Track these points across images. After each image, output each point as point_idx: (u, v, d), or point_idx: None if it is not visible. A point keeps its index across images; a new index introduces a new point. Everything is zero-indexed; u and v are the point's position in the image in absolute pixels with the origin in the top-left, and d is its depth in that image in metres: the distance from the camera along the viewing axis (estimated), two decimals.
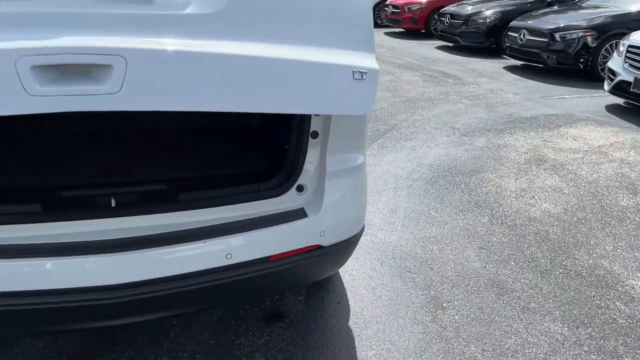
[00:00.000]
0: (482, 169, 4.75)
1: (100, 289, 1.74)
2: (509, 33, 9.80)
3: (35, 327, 1.91)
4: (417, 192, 4.24)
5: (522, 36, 9.26)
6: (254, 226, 1.98)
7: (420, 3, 14.00)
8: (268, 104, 1.55)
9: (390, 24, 14.97)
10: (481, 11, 11.40)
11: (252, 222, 2.00)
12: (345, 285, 2.97)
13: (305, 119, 2.07)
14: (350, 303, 2.83)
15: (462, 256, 3.28)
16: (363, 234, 2.41)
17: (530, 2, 11.27)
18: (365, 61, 1.62)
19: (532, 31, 9.06)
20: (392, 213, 3.86)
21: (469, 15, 11.44)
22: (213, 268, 1.89)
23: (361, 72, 1.57)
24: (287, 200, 2.11)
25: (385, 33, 14.91)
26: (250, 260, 1.95)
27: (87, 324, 1.92)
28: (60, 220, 1.83)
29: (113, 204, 1.92)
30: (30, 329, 1.96)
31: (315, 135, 2.11)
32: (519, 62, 9.86)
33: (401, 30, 15.00)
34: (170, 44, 1.36)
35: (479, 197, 4.15)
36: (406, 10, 14.05)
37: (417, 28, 14.15)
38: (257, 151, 2.58)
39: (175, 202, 1.98)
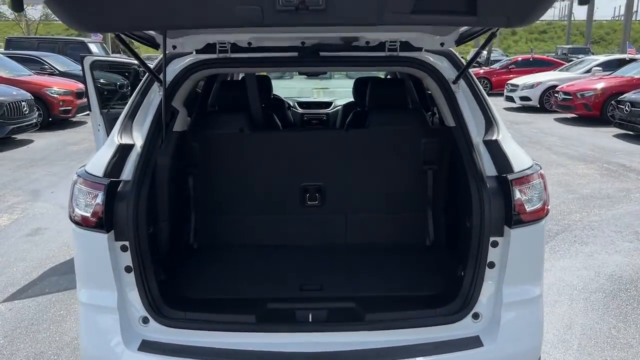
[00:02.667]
0: None
1: None
2: None
3: None
4: (595, 306, 3.99)
5: None
6: (431, 351, 2.12)
7: (595, 89, 13.38)
8: None
9: (561, 110, 14.44)
10: None
11: (429, 347, 2.14)
12: None
13: (482, 250, 2.20)
14: None
15: None
16: None
17: None
18: None
19: None
20: (567, 329, 3.68)
21: None
22: None
23: None
24: (463, 327, 2.22)
25: (556, 119, 14.39)
26: None
27: None
28: (266, 332, 2.17)
29: (310, 319, 2.22)
30: None
31: (492, 265, 2.22)
32: None
33: (573, 116, 14.36)
34: None
35: None
36: (579, 96, 13.50)
37: (590, 115, 13.45)
38: (435, 277, 2.75)
39: (361, 322, 2.21)
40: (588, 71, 16.32)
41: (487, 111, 2.54)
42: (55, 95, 12.61)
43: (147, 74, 2.62)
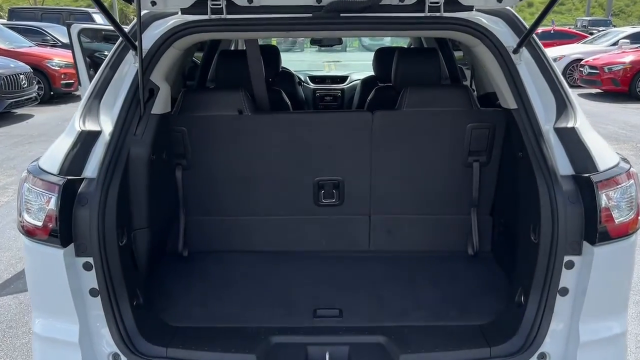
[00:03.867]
0: None
1: None
2: None
3: None
4: None
5: None
6: None
7: (624, 63, 12.64)
8: None
9: (586, 85, 13.72)
10: None
11: None
12: None
13: (553, 273, 1.69)
14: None
15: None
16: None
17: None
18: None
19: None
20: None
21: None
22: None
23: None
24: None
25: (580, 95, 13.65)
26: None
27: None
28: None
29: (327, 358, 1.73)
30: None
31: (564, 292, 1.71)
32: None
33: (598, 91, 13.63)
34: None
35: None
36: (606, 70, 12.76)
37: (618, 90, 12.73)
38: (484, 300, 2.25)
39: None
40: (614, 44, 15.49)
41: (558, 89, 2.00)
42: (57, 68, 12.11)
43: (119, 39, 2.10)
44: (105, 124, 1.94)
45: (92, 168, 1.81)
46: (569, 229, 1.70)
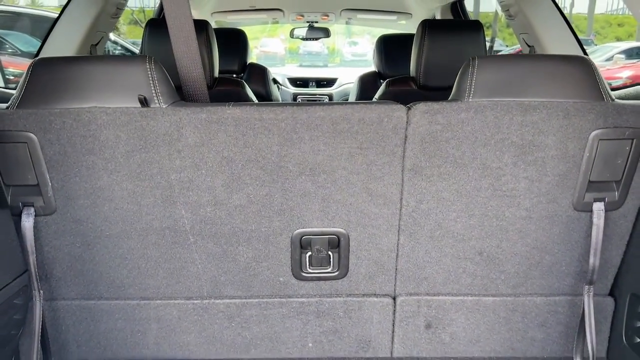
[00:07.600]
0: None
1: None
2: None
3: None
4: None
5: None
6: None
7: (622, 78, 12.52)
8: None
9: None
10: None
11: None
12: None
13: None
14: None
15: None
16: None
17: None
18: None
19: None
20: None
21: None
22: None
23: None
24: None
25: None
26: None
27: None
28: None
29: None
30: None
31: None
32: None
33: None
34: None
35: None
36: None
37: None
38: None
39: None
40: (609, 59, 15.20)
41: None
42: (11, 77, 11.16)
43: None
44: None
45: None
46: None
